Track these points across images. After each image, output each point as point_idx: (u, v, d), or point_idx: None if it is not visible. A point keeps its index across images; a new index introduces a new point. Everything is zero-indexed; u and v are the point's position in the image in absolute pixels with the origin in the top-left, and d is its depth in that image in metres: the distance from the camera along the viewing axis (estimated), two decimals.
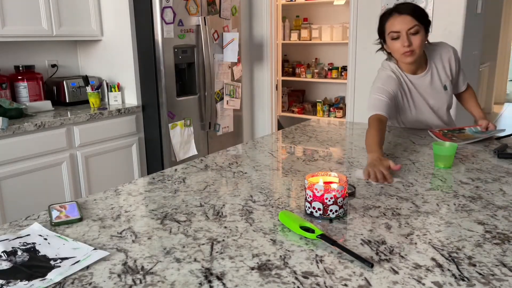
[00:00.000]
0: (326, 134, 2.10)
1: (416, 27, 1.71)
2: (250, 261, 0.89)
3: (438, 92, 1.94)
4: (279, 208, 1.17)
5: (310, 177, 1.14)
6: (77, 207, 1.16)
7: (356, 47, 3.39)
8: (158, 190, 1.34)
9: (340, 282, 0.80)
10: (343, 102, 5.04)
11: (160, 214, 1.15)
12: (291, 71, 5.27)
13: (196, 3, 3.15)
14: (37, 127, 2.48)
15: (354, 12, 3.35)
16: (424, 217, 1.10)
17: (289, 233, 1.01)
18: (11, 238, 0.99)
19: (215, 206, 1.19)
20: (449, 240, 0.96)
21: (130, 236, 1.02)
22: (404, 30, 1.72)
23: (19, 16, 2.64)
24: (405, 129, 2.11)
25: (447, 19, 2.97)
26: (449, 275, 0.82)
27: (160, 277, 0.84)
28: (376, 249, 0.93)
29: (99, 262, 0.89)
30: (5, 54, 2.92)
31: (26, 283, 0.81)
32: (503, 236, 0.98)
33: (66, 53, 3.28)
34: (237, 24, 3.57)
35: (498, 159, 1.61)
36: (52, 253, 0.93)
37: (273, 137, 2.08)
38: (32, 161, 2.50)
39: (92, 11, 3.06)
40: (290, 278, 0.82)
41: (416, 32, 1.72)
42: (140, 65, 3.08)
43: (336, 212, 1.08)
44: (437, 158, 1.52)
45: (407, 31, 1.72)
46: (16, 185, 2.44)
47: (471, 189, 1.29)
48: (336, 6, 4.95)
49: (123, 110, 2.97)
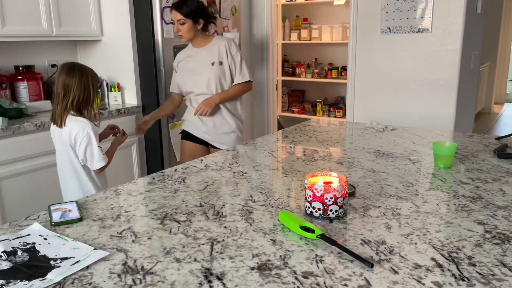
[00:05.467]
0: (326, 134, 2.10)
1: (182, 20, 2.37)
2: (250, 261, 0.89)
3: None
4: (279, 208, 1.17)
5: (310, 177, 1.14)
6: (77, 207, 1.16)
7: (356, 47, 3.39)
8: (158, 190, 1.34)
9: (340, 282, 0.80)
10: (343, 102, 5.04)
11: (160, 214, 1.15)
12: (291, 71, 5.26)
13: None
14: (37, 127, 2.48)
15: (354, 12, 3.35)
16: (424, 217, 1.10)
17: (289, 233, 1.01)
18: (11, 238, 0.99)
19: (215, 206, 1.19)
20: (449, 240, 0.96)
21: (130, 236, 1.02)
22: (175, 20, 2.40)
23: (19, 16, 2.64)
24: (405, 129, 2.11)
25: (447, 19, 2.97)
26: (449, 275, 0.82)
27: (160, 277, 0.84)
28: (376, 249, 0.93)
29: (99, 262, 0.89)
30: (5, 54, 2.92)
31: (26, 283, 0.81)
32: (503, 236, 0.98)
33: (66, 53, 3.28)
34: (237, 24, 3.57)
35: (498, 159, 1.61)
36: (52, 253, 0.93)
37: (273, 137, 2.08)
38: (32, 161, 2.50)
39: (92, 11, 3.06)
40: (290, 278, 0.82)
41: (183, 23, 2.38)
42: (140, 65, 3.08)
43: (336, 212, 1.08)
44: (437, 158, 1.52)
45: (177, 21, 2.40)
46: (16, 185, 2.44)
47: (471, 189, 1.29)
48: (336, 6, 4.95)
49: (123, 110, 2.97)
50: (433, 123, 3.11)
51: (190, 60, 2.52)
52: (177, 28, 2.42)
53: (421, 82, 3.15)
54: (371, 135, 2.03)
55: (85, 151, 1.86)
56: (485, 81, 7.12)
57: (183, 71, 2.55)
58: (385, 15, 3.21)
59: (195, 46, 2.53)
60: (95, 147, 1.86)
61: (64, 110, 1.85)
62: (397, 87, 3.26)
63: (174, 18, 2.41)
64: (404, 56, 3.19)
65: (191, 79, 2.50)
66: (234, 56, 2.50)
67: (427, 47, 3.09)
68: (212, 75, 2.45)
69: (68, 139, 1.86)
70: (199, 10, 2.42)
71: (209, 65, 2.46)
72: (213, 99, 2.45)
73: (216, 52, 2.47)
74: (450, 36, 2.99)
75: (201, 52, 2.50)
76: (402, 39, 3.18)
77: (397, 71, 3.24)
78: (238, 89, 2.53)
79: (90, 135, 1.85)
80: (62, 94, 1.84)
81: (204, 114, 2.44)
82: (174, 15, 2.40)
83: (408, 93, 3.22)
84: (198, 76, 2.48)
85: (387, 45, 3.25)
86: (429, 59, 3.10)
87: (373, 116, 3.29)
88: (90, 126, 1.86)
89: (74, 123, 1.85)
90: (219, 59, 2.47)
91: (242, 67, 2.52)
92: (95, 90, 1.89)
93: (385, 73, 3.29)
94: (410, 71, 3.19)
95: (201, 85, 2.48)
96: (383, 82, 3.31)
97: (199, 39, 2.49)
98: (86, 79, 1.85)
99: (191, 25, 2.40)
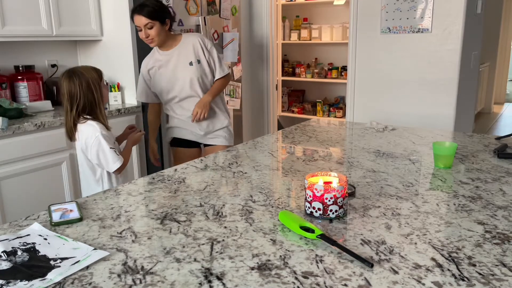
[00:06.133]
0: (326, 134, 2.10)
1: (149, 24, 2.23)
2: (250, 261, 0.89)
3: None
4: (279, 208, 1.17)
5: (310, 177, 1.14)
6: (77, 207, 1.16)
7: (356, 47, 3.39)
8: (158, 190, 1.34)
9: (340, 282, 0.80)
10: (343, 102, 5.04)
11: (160, 214, 1.15)
12: (291, 71, 5.26)
13: (196, 3, 3.14)
14: (37, 127, 2.48)
15: (354, 12, 3.35)
16: (424, 217, 1.10)
17: (289, 233, 1.01)
18: (11, 238, 0.99)
19: (215, 206, 1.19)
20: (449, 240, 0.96)
21: (130, 236, 1.02)
22: (141, 25, 2.24)
23: (19, 16, 2.64)
24: (405, 129, 2.11)
25: (447, 19, 2.97)
26: (449, 275, 0.82)
27: (160, 277, 0.84)
28: (376, 249, 0.93)
29: (99, 262, 0.89)
30: (5, 54, 2.92)
31: (26, 283, 0.81)
32: (503, 236, 0.98)
33: (66, 53, 3.28)
34: (237, 24, 3.57)
35: (498, 159, 1.61)
36: (52, 253, 0.93)
37: (273, 137, 2.08)
38: (32, 161, 2.50)
39: (92, 11, 3.06)
40: (290, 278, 0.82)
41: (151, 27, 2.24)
42: (140, 65, 3.08)
43: (336, 212, 1.08)
44: (437, 158, 1.52)
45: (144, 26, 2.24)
46: (16, 185, 2.44)
47: (471, 189, 1.29)
48: (336, 6, 4.95)
49: (123, 110, 2.97)
50: (433, 123, 3.11)
51: (163, 66, 2.39)
52: (146, 34, 2.25)
53: (421, 82, 3.15)
54: (371, 135, 2.03)
55: (97, 155, 1.84)
56: (485, 81, 7.12)
57: (159, 79, 2.40)
58: (385, 15, 3.21)
59: (164, 49, 2.38)
60: (106, 150, 1.84)
61: (72, 124, 1.85)
62: (397, 87, 3.26)
63: (138, 23, 2.24)
64: (404, 56, 3.19)
65: (171, 85, 2.39)
66: (210, 51, 2.40)
67: (427, 47, 3.09)
68: (194, 75, 2.35)
69: (81, 145, 1.87)
70: (163, 9, 2.28)
71: (187, 65, 2.35)
72: (206, 99, 2.37)
73: (190, 51, 2.36)
74: (450, 36, 2.99)
75: (173, 54, 2.37)
76: (402, 39, 3.18)
77: (397, 71, 3.24)
78: (221, 83, 2.46)
79: (99, 138, 1.83)
80: (69, 106, 1.84)
81: (202, 117, 2.37)
82: (138, 20, 2.23)
83: (408, 93, 3.22)
84: (179, 80, 2.37)
85: (387, 45, 3.25)
86: (429, 59, 3.10)
87: (373, 116, 3.29)
88: (99, 129, 1.84)
89: (84, 128, 1.85)
90: (196, 58, 2.36)
91: (220, 61, 2.44)
92: (97, 90, 1.86)
93: (385, 73, 3.29)
94: (410, 71, 3.19)
95: (185, 88, 2.38)
96: (383, 82, 3.31)
97: (169, 40, 2.36)
98: (85, 82, 1.83)
99: (159, 27, 2.25)
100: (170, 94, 2.41)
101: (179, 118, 2.48)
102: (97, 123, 1.86)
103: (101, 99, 1.89)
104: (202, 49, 2.37)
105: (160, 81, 2.40)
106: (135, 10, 2.24)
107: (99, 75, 1.90)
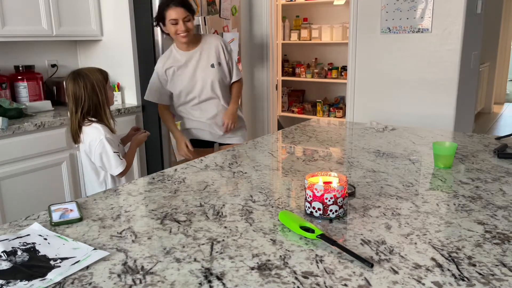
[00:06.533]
0: (326, 134, 2.10)
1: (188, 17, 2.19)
2: (250, 261, 0.89)
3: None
4: (279, 208, 1.17)
5: (310, 177, 1.14)
6: (77, 207, 1.16)
7: (356, 47, 3.39)
8: (158, 190, 1.34)
9: (340, 282, 0.80)
10: (343, 102, 5.04)
11: (160, 214, 1.15)
12: (291, 71, 5.26)
13: (196, 3, 3.14)
14: (37, 127, 2.48)
15: (354, 12, 3.35)
16: (424, 217, 1.10)
17: (289, 233, 1.01)
18: (11, 238, 0.99)
19: (215, 206, 1.19)
20: (449, 240, 0.96)
21: (130, 236, 1.02)
22: (180, 18, 2.18)
23: (19, 16, 2.64)
24: (405, 129, 2.11)
25: (447, 19, 2.97)
26: (449, 275, 0.82)
27: (160, 277, 0.84)
28: (376, 249, 0.93)
29: (99, 262, 0.89)
30: (5, 54, 2.92)
31: (26, 283, 0.81)
32: (503, 236, 0.98)
33: (66, 53, 3.28)
34: (237, 24, 3.57)
35: (498, 159, 1.61)
36: (52, 253, 0.93)
37: (273, 137, 2.08)
38: (32, 161, 2.50)
39: (92, 11, 3.06)
40: (290, 278, 0.82)
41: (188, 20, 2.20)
42: (140, 65, 3.08)
43: (336, 212, 1.08)
44: (437, 158, 1.52)
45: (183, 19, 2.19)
46: (16, 185, 2.44)
47: (471, 189, 1.29)
48: (336, 6, 4.95)
49: (123, 110, 2.97)
50: (433, 123, 3.11)
51: (182, 66, 2.34)
52: (184, 27, 2.17)
53: (421, 82, 3.15)
54: (371, 135, 2.03)
55: (101, 158, 1.84)
56: (485, 81, 7.12)
57: (178, 79, 2.35)
58: (385, 15, 3.21)
59: (185, 48, 2.33)
60: (110, 154, 1.83)
61: (77, 126, 1.85)
62: (397, 87, 3.26)
63: (177, 16, 2.16)
64: (404, 56, 3.19)
65: (191, 86, 2.36)
66: (231, 55, 2.42)
67: (427, 47, 3.09)
68: (215, 77, 2.34)
69: (85, 148, 1.88)
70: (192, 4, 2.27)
71: (208, 67, 2.34)
72: (233, 109, 2.41)
73: (213, 53, 2.34)
74: (450, 36, 2.99)
75: (194, 55, 2.33)
76: (402, 39, 3.18)
77: (397, 71, 3.24)
78: (239, 88, 2.51)
79: (103, 142, 1.82)
80: (74, 108, 1.83)
81: (232, 127, 2.40)
82: (177, 13, 2.15)
83: (408, 93, 3.22)
84: (198, 81, 2.34)
85: (387, 45, 3.25)
86: (429, 59, 3.10)
87: (373, 116, 3.29)
88: (103, 132, 1.83)
89: (89, 131, 1.85)
90: (218, 60, 2.36)
91: (236, 64, 2.47)
92: (102, 92, 1.85)
93: (385, 73, 3.29)
94: (410, 71, 3.19)
95: (205, 90, 2.35)
96: (383, 82, 3.31)
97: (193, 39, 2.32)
98: (90, 84, 1.82)
99: (193, 21, 2.22)
100: (189, 96, 2.39)
101: (198, 120, 2.45)
102: (102, 126, 1.85)
103: (106, 101, 1.88)
104: (223, 52, 2.38)
105: (180, 82, 2.36)
106: (171, 2, 2.17)
107: (104, 77, 1.89)
